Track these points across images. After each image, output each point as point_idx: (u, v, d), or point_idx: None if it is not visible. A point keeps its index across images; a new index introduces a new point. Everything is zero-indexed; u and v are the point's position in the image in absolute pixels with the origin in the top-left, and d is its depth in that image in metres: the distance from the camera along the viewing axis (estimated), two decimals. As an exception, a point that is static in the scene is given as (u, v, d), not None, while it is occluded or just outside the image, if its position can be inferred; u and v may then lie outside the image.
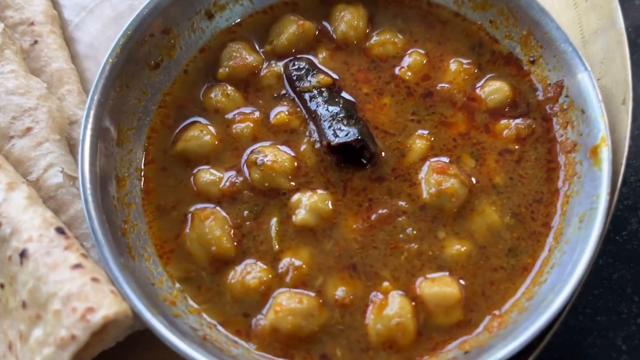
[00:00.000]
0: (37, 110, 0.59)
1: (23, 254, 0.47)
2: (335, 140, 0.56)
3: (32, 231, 0.48)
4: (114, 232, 0.51)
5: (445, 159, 0.56)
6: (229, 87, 0.61)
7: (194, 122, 0.60)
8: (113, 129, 0.56)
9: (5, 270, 0.48)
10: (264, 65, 0.63)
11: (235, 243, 0.54)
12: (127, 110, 0.58)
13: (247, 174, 0.57)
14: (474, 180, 0.55)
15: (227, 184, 0.57)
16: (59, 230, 0.49)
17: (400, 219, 0.55)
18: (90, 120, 0.53)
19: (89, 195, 0.50)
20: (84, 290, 0.45)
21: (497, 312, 0.51)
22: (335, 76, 0.62)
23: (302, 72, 0.61)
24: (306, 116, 0.60)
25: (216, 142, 0.59)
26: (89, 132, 0.53)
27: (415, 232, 0.54)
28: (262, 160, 0.56)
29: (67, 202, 0.55)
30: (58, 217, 0.52)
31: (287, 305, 0.50)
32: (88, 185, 0.50)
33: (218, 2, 0.63)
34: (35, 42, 0.67)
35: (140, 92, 0.59)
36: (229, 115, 0.60)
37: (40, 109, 0.60)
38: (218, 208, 0.56)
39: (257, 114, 0.60)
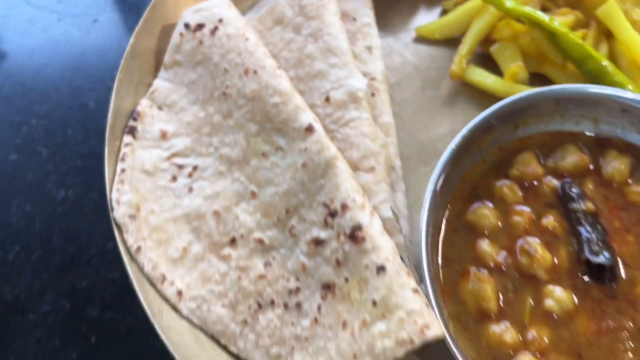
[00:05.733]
0: (379, 155, 0.80)
1: (381, 269, 0.67)
2: (593, 260, 0.74)
3: (388, 253, 0.68)
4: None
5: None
6: (515, 185, 0.80)
7: (483, 203, 0.79)
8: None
9: (357, 272, 0.69)
10: (544, 178, 0.81)
11: (498, 305, 0.73)
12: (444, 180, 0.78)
13: (517, 256, 0.76)
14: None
15: (500, 259, 0.76)
16: (401, 258, 0.70)
17: (622, 333, 0.72)
18: (432, 187, 0.73)
19: (423, 241, 0.70)
20: (423, 310, 0.65)
21: None
22: (596, 205, 0.80)
23: (575, 195, 0.79)
24: (569, 229, 0.78)
25: (497, 224, 0.78)
26: (430, 195, 0.73)
27: (632, 346, 0.71)
28: (531, 252, 0.75)
29: (390, 233, 0.75)
30: (389, 244, 0.73)
31: (526, 364, 0.68)
32: (423, 234, 0.70)
33: (525, 119, 0.83)
34: (373, 94, 0.89)
35: (454, 168, 0.80)
36: (510, 207, 0.79)
37: (381, 154, 0.80)
38: (489, 274, 0.75)
39: (531, 213, 0.79)
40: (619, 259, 0.75)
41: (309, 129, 0.76)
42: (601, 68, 0.85)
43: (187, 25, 0.86)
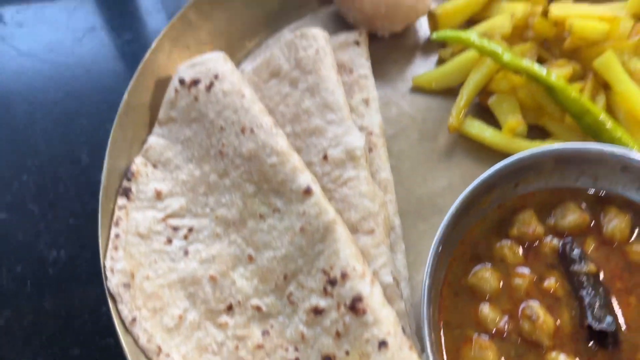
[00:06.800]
0: (378, 216, 0.79)
1: (383, 344, 0.66)
2: (597, 326, 0.73)
3: (389, 327, 0.67)
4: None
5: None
6: (515, 245, 0.79)
7: (484, 264, 0.78)
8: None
9: (358, 345, 0.68)
10: (545, 238, 0.80)
11: (501, 373, 0.72)
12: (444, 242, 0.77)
13: (520, 322, 0.74)
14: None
15: (502, 324, 0.74)
16: (403, 330, 0.68)
17: (626, 399, 0.71)
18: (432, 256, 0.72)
19: (425, 312, 0.69)
20: (426, 388, 0.63)
21: None
22: (598, 265, 0.79)
23: (576, 256, 0.78)
24: (570, 291, 0.77)
25: (498, 286, 0.77)
26: (433, 259, 0.72)
27: (636, 414, 0.70)
28: (534, 317, 0.74)
29: (391, 299, 0.74)
30: (389, 312, 0.72)
31: None
32: (425, 304, 0.69)
33: (525, 177, 0.82)
34: (371, 149, 0.87)
35: (454, 229, 0.78)
36: (511, 269, 0.78)
37: (380, 215, 0.79)
38: (491, 341, 0.74)
39: (532, 275, 0.78)
40: (621, 322, 0.75)
41: (307, 191, 0.75)
42: (599, 124, 0.85)
43: (182, 81, 0.85)
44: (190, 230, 0.80)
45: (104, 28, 1.07)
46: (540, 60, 0.95)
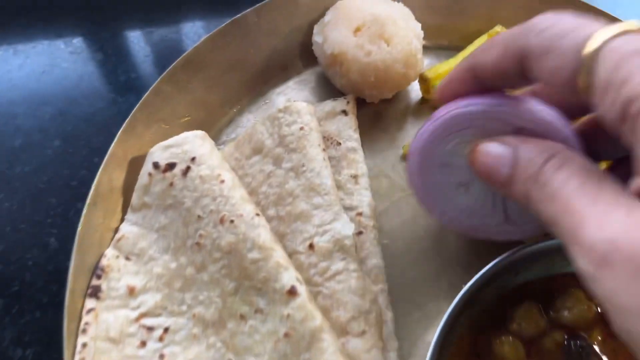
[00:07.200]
0: (370, 314, 0.73)
1: None
2: None
3: None
4: None
5: None
6: (517, 341, 0.74)
7: (484, 363, 0.73)
8: None
9: None
10: (548, 332, 0.75)
11: None
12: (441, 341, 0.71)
13: None
14: None
15: None
16: None
17: None
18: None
19: None
20: None
21: None
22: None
23: (582, 353, 0.73)
24: (578, 393, 0.72)
25: (500, 389, 0.71)
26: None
27: None
28: None
29: (384, 409, 0.68)
30: None
31: None
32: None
33: (527, 266, 0.76)
34: (360, 232, 0.82)
35: (450, 326, 0.73)
36: (513, 368, 0.72)
37: (372, 313, 0.73)
38: None
39: (536, 375, 0.72)
40: None
41: (292, 292, 0.69)
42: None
43: (156, 165, 0.79)
44: (166, 330, 0.73)
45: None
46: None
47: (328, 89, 0.97)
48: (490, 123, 0.62)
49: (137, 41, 1.09)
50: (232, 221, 0.74)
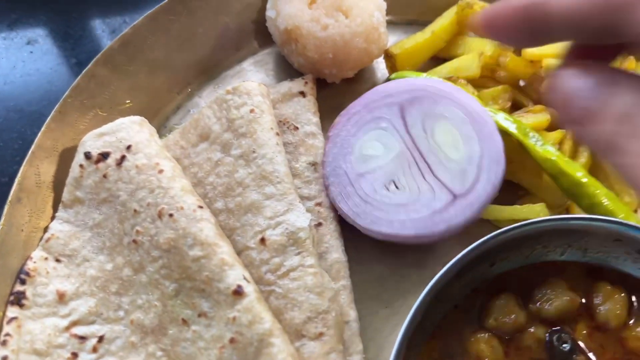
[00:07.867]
0: (328, 314, 0.65)
1: None
2: None
3: None
4: None
5: None
6: (493, 339, 0.66)
7: (457, 364, 0.65)
8: None
9: None
10: (528, 326, 0.67)
11: None
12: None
13: None
14: None
15: None
16: None
17: None
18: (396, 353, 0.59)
19: None
20: None
21: None
22: (591, 357, 0.66)
23: (566, 349, 0.65)
24: (560, 391, 0.64)
25: (475, 392, 0.63)
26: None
27: None
28: None
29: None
30: None
31: None
32: None
33: (503, 255, 0.69)
34: (320, 224, 0.74)
35: (419, 324, 0.65)
36: (489, 368, 0.65)
37: (331, 313, 0.66)
38: None
39: (515, 374, 0.65)
40: None
41: (238, 292, 0.62)
42: (578, 186, 0.72)
43: (87, 155, 0.70)
44: (101, 339, 0.65)
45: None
46: (516, 106, 0.82)
47: (287, 70, 0.89)
48: None
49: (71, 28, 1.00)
50: (171, 215, 0.66)
